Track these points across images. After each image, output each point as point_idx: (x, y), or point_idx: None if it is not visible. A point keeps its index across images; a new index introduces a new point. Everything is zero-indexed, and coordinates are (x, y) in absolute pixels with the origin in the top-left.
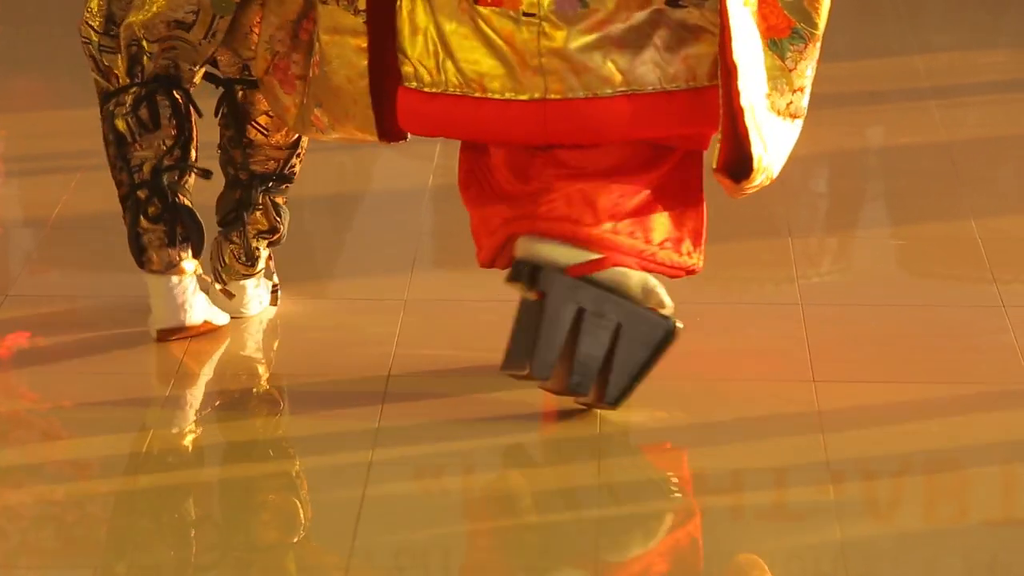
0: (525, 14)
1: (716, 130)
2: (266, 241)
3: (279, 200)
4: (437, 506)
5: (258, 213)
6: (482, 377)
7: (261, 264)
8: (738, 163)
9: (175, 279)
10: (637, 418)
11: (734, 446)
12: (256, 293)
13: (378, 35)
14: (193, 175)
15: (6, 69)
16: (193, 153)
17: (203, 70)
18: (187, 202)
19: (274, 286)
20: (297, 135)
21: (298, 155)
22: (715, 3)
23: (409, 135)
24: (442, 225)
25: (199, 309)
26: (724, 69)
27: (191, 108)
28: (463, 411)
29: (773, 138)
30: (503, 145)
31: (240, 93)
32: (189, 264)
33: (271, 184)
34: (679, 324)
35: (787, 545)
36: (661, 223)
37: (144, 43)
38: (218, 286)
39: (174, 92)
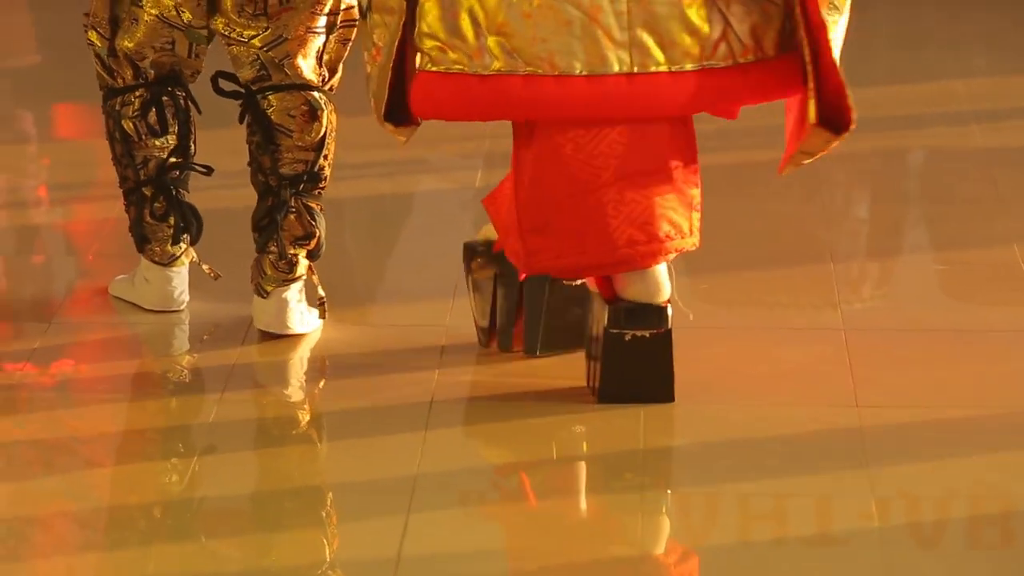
0: None
1: (781, 98)
2: (303, 249)
3: (312, 204)
4: (481, 530)
5: (292, 217)
6: (525, 401)
7: (300, 271)
8: (828, 118)
9: (174, 269)
10: (680, 441)
11: (777, 471)
12: (299, 307)
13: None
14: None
15: (49, 97)
16: (193, 148)
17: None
18: (188, 197)
19: (320, 299)
20: (322, 134)
21: (325, 156)
22: None
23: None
24: None
25: (187, 295)
26: (809, 27)
27: (191, 106)
28: (507, 436)
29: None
30: (581, 124)
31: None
32: (186, 256)
33: (302, 186)
34: None
35: (830, 572)
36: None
37: (145, 62)
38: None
39: (176, 91)
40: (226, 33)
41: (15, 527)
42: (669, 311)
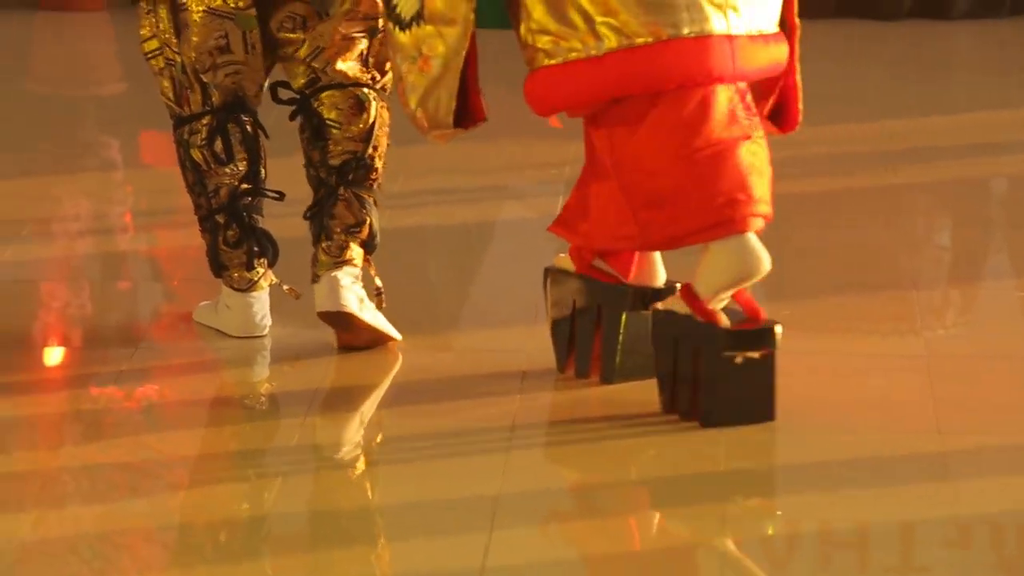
0: None
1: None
2: (355, 237)
3: (364, 195)
4: (561, 549)
5: (342, 206)
6: (605, 424)
7: (351, 255)
8: (782, 114)
9: (253, 295)
10: (760, 466)
11: (859, 497)
12: (354, 289)
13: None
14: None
15: (134, 125)
16: (263, 173)
17: (264, 88)
18: (262, 222)
19: (378, 290)
20: (370, 124)
21: (375, 147)
22: None
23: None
24: None
25: (270, 320)
26: (787, 25)
27: (259, 132)
28: (587, 457)
29: None
30: (689, 87)
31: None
32: (265, 280)
33: (351, 176)
34: None
35: None
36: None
37: (208, 75)
38: (285, 287)
39: (244, 117)
40: (274, 49)
41: (100, 549)
42: (779, 330)
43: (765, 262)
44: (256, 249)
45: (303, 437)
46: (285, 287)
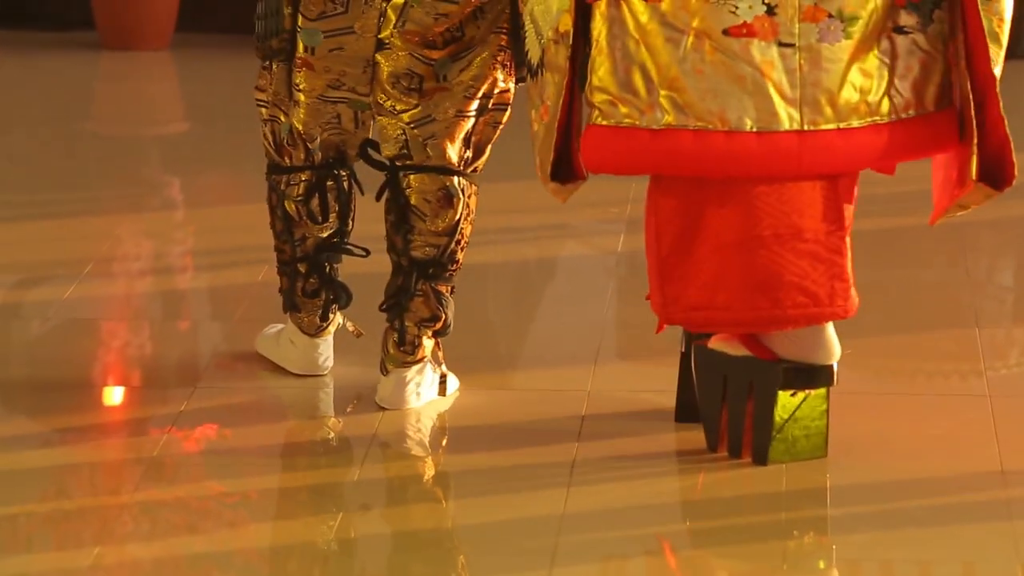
0: (782, 43)
1: (938, 154)
2: (429, 330)
3: (442, 288)
4: None
5: (418, 300)
6: (667, 463)
7: (422, 353)
8: (990, 172)
9: (321, 338)
10: (824, 507)
11: (921, 537)
12: (413, 387)
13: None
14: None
15: (195, 166)
16: (351, 226)
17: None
18: (339, 272)
19: (442, 375)
20: (456, 219)
21: (458, 242)
22: (938, 27)
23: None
24: (626, 316)
25: (331, 360)
26: (976, 80)
27: (354, 186)
28: (648, 497)
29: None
30: (748, 179)
31: (403, 177)
32: (334, 324)
33: (431, 271)
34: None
35: None
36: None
37: (313, 143)
38: (350, 326)
39: (341, 172)
40: (380, 102)
41: None
42: (835, 366)
43: (825, 353)
44: (331, 298)
45: (363, 474)
46: (350, 326)
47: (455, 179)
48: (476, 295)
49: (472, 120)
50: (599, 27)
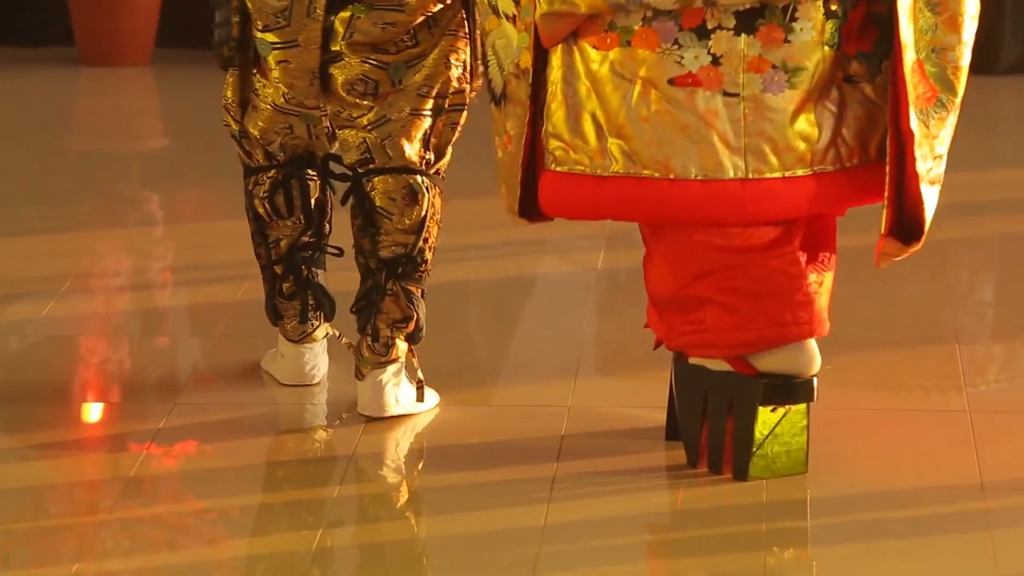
0: (727, 93)
1: (876, 201)
2: (401, 332)
3: (412, 288)
4: None
5: (389, 300)
6: (649, 478)
7: (396, 354)
8: (906, 227)
9: (306, 346)
10: (803, 522)
11: (901, 548)
12: (395, 390)
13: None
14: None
15: (175, 182)
16: (328, 228)
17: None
18: (321, 277)
19: (419, 382)
20: (422, 216)
21: (425, 240)
22: (884, 77)
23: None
24: (605, 332)
25: (324, 369)
26: (896, 137)
27: (326, 186)
28: (630, 512)
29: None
30: (692, 226)
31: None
32: (320, 331)
33: (400, 270)
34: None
35: None
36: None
37: (273, 146)
38: (343, 340)
39: (308, 172)
40: (337, 112)
41: None
42: (815, 382)
43: (802, 365)
44: (311, 303)
45: (343, 490)
46: (343, 340)
47: (418, 177)
48: (456, 311)
49: (429, 119)
50: (555, 72)
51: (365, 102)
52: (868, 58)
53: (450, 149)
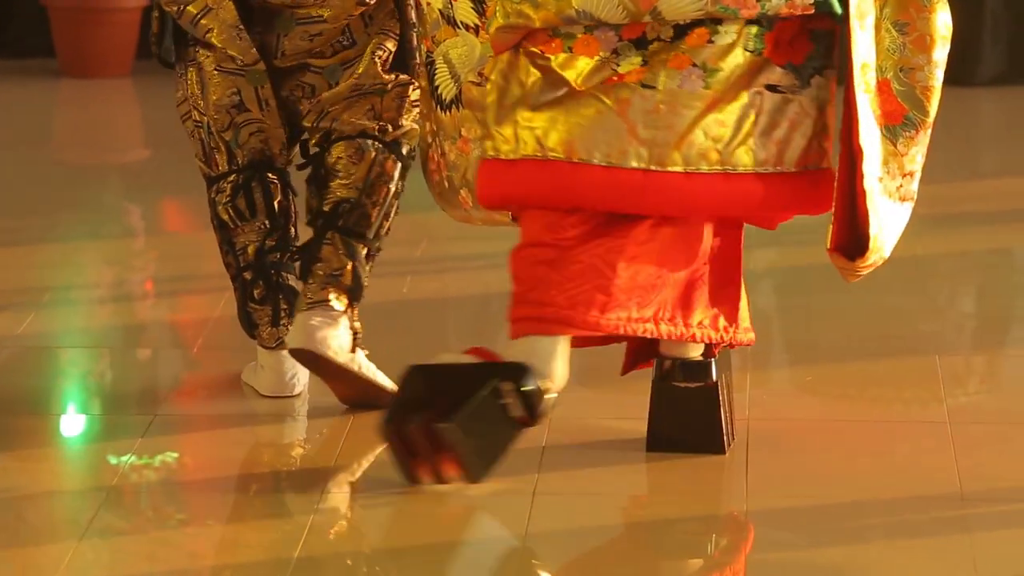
0: (644, 85)
1: (799, 214)
2: (339, 284)
3: (353, 242)
4: None
5: (328, 250)
6: (631, 490)
7: (329, 297)
8: (853, 242)
9: (283, 352)
10: (785, 534)
11: (882, 555)
12: (322, 328)
13: None
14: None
15: (156, 193)
16: (293, 231)
17: (296, 148)
18: (291, 280)
19: (355, 331)
20: (370, 176)
21: (375, 204)
22: (814, 92)
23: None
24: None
25: (304, 380)
26: (847, 153)
27: (288, 189)
28: (611, 519)
29: (886, 219)
30: (593, 210)
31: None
32: None
33: (340, 222)
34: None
35: None
36: (701, 304)
37: (228, 134)
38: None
39: (269, 175)
40: (285, 96)
41: None
42: (713, 366)
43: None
44: (284, 307)
45: (323, 502)
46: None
47: (368, 141)
48: (437, 322)
49: (375, 98)
50: (495, 74)
51: (304, 105)
52: (797, 70)
53: (410, 122)
